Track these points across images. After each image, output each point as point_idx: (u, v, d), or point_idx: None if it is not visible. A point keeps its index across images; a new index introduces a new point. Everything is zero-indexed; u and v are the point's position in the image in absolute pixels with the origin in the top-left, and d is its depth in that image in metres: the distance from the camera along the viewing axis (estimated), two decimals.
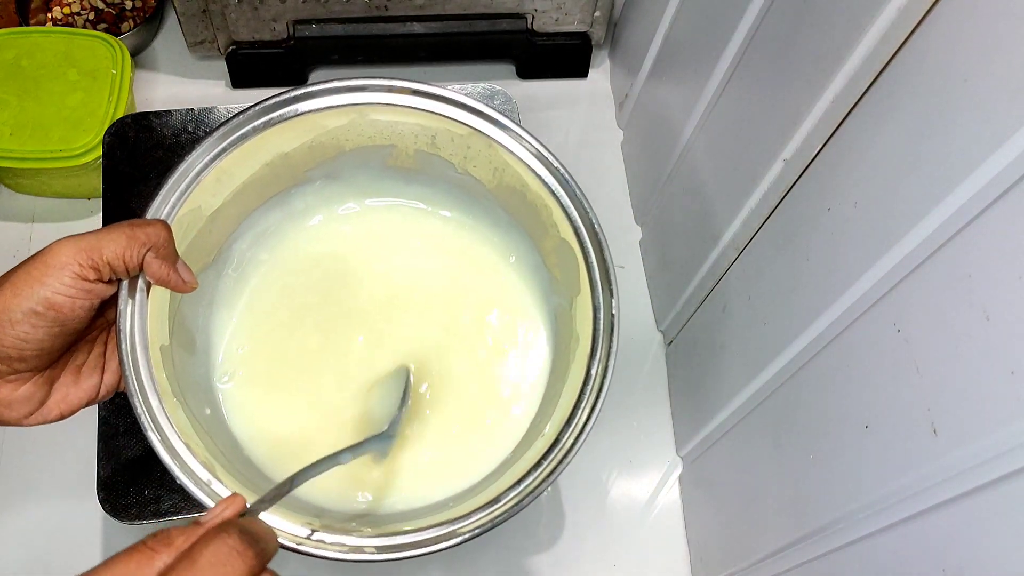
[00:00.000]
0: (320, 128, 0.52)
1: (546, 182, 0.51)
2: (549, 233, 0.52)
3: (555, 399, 0.50)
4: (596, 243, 0.49)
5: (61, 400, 0.44)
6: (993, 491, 0.33)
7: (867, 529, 0.42)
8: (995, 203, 0.33)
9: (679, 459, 0.72)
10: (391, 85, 0.51)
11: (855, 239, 0.43)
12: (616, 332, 0.48)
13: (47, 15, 0.83)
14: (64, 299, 0.40)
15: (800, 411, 0.50)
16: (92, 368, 0.45)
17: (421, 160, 0.55)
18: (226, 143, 0.49)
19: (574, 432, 0.46)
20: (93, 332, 0.45)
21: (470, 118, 0.51)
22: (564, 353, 0.52)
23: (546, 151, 0.51)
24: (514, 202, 0.54)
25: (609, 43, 0.88)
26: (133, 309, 0.45)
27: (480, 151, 0.52)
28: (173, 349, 0.48)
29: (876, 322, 0.41)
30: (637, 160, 0.81)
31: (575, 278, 0.50)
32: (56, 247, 0.40)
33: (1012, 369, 0.32)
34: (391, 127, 0.53)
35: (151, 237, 0.42)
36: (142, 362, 0.45)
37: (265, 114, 0.50)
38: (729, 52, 0.57)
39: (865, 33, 0.41)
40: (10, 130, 0.71)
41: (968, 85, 0.35)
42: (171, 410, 0.44)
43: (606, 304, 0.48)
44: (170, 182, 0.48)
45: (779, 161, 0.51)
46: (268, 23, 0.77)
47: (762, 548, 0.54)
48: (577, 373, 0.48)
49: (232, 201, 0.52)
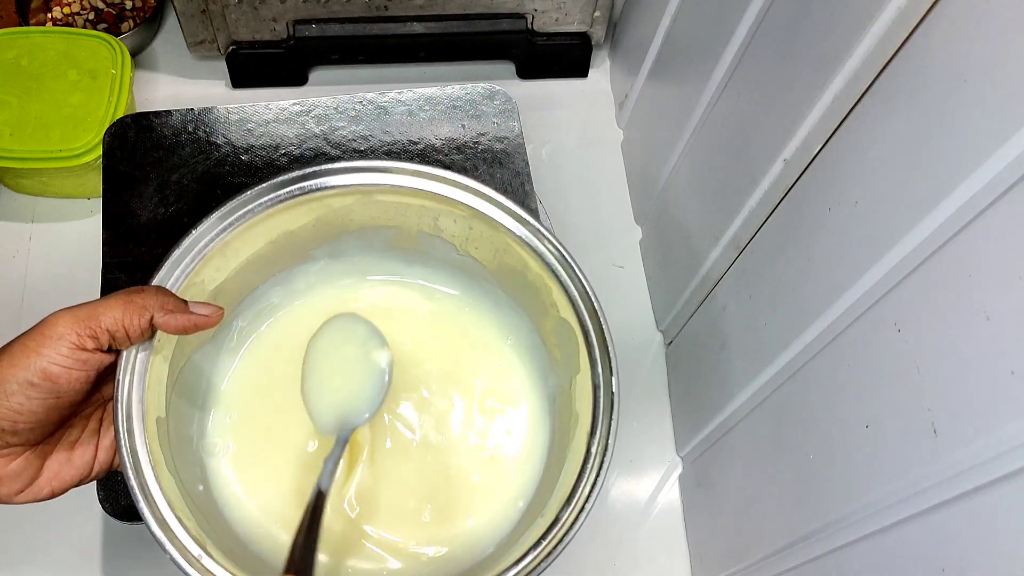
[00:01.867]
0: (326, 207, 0.52)
1: (547, 261, 0.51)
2: (549, 313, 0.52)
3: (554, 480, 0.49)
4: (596, 321, 0.49)
5: (53, 477, 0.43)
6: (993, 491, 0.33)
7: (867, 529, 0.42)
8: (995, 203, 0.33)
9: (679, 459, 0.72)
10: (398, 167, 0.52)
11: (855, 239, 0.43)
12: (616, 410, 0.47)
13: (47, 15, 0.83)
14: (61, 369, 0.39)
15: (800, 411, 0.50)
16: (86, 445, 0.44)
17: (423, 242, 0.56)
18: (233, 218, 0.49)
19: (574, 510, 0.45)
20: (88, 408, 0.45)
21: (473, 199, 0.52)
22: (563, 433, 0.51)
23: (547, 232, 0.51)
24: (515, 283, 0.54)
25: (609, 43, 0.88)
26: (132, 379, 0.44)
27: (482, 232, 0.53)
28: (169, 421, 0.47)
29: (876, 322, 0.41)
30: (637, 160, 0.81)
31: (575, 357, 0.50)
32: (53, 318, 0.40)
33: (1012, 369, 0.32)
34: (396, 208, 0.53)
35: (149, 302, 0.42)
36: (137, 432, 0.44)
37: (273, 191, 0.50)
38: (729, 52, 0.57)
39: (865, 33, 0.41)
40: (10, 130, 0.71)
41: (968, 85, 0.35)
42: (164, 482, 0.44)
43: (606, 382, 0.48)
44: (175, 254, 0.48)
45: (779, 161, 0.51)
46: (268, 23, 0.77)
47: (762, 548, 0.54)
48: (577, 452, 0.48)
49: (235, 277, 0.52)
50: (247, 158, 0.65)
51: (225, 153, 0.65)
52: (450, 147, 0.66)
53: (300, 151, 0.65)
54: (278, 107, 0.67)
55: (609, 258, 0.79)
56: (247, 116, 0.67)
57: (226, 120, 0.66)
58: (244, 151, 0.65)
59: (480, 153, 0.66)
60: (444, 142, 0.66)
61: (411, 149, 0.66)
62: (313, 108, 0.67)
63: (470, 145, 0.66)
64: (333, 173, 0.51)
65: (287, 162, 0.65)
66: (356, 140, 0.66)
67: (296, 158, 0.65)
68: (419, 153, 0.66)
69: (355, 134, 0.66)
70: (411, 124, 0.67)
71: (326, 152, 0.65)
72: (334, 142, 0.66)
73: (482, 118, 0.68)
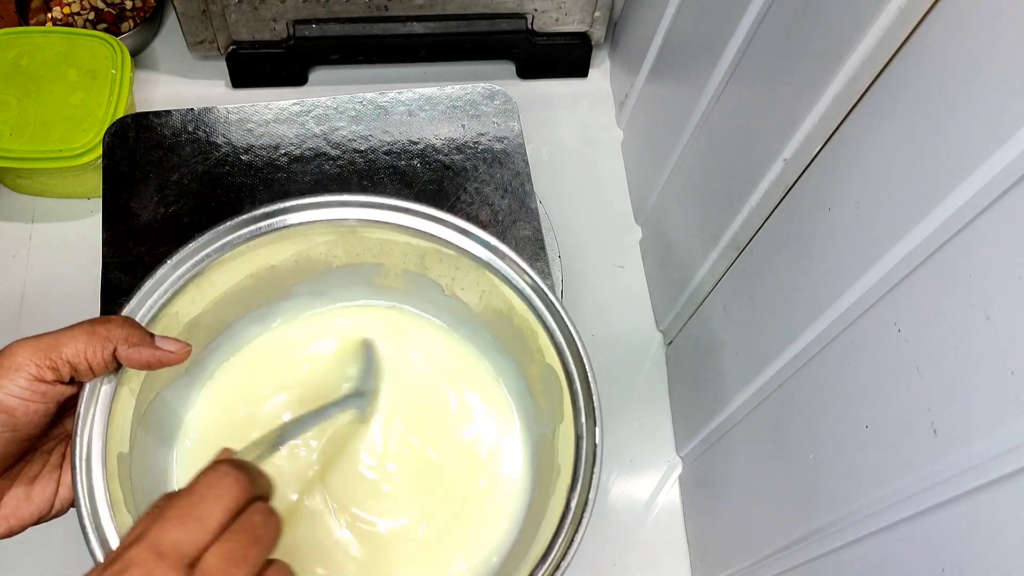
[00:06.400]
0: (308, 242, 0.51)
1: (533, 304, 0.49)
2: (535, 359, 0.51)
3: (532, 536, 0.47)
4: (581, 368, 0.47)
5: (11, 514, 0.41)
6: (993, 491, 0.33)
7: (867, 529, 0.42)
8: (995, 203, 0.33)
9: (679, 459, 0.72)
10: (383, 202, 0.50)
11: (855, 239, 0.43)
12: (598, 463, 0.45)
13: (47, 15, 0.83)
14: (18, 401, 0.38)
15: (800, 411, 0.50)
16: (46, 480, 0.42)
17: (408, 280, 0.54)
18: (210, 249, 0.47)
19: (549, 568, 0.43)
20: (50, 442, 0.44)
21: (460, 239, 0.50)
22: (544, 487, 0.49)
23: (534, 274, 0.49)
24: (501, 326, 0.52)
25: (609, 43, 0.88)
26: (94, 412, 0.42)
27: (468, 272, 0.51)
28: (132, 457, 0.45)
29: (876, 322, 0.41)
30: (637, 160, 0.81)
31: (559, 405, 0.48)
32: (12, 348, 0.39)
33: (1012, 369, 0.32)
34: (380, 245, 0.52)
35: (112, 333, 0.41)
36: (96, 469, 0.42)
37: (253, 223, 0.48)
38: (729, 52, 0.57)
39: (865, 33, 0.41)
40: (10, 130, 0.71)
41: (968, 85, 0.35)
42: (121, 522, 0.42)
43: (589, 432, 0.46)
44: (147, 285, 0.46)
45: (779, 161, 0.51)
46: (268, 23, 0.77)
47: (762, 548, 0.54)
48: (556, 506, 0.45)
49: (211, 310, 0.50)
50: (247, 158, 0.65)
51: (225, 153, 0.65)
52: (450, 147, 0.66)
53: (300, 151, 0.65)
54: (278, 107, 0.67)
55: (609, 258, 0.79)
56: (247, 116, 0.66)
57: (226, 120, 0.66)
58: (244, 151, 0.65)
59: (480, 153, 0.66)
60: (444, 142, 0.66)
61: (411, 149, 0.66)
62: (313, 108, 0.67)
63: (470, 145, 0.66)
64: (316, 207, 0.49)
65: (287, 162, 0.65)
66: (356, 140, 0.66)
67: (296, 158, 0.65)
68: (419, 153, 0.66)
69: (355, 134, 0.66)
70: (411, 124, 0.67)
71: (326, 152, 0.65)
72: (334, 142, 0.66)
73: (482, 118, 0.67)
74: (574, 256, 0.78)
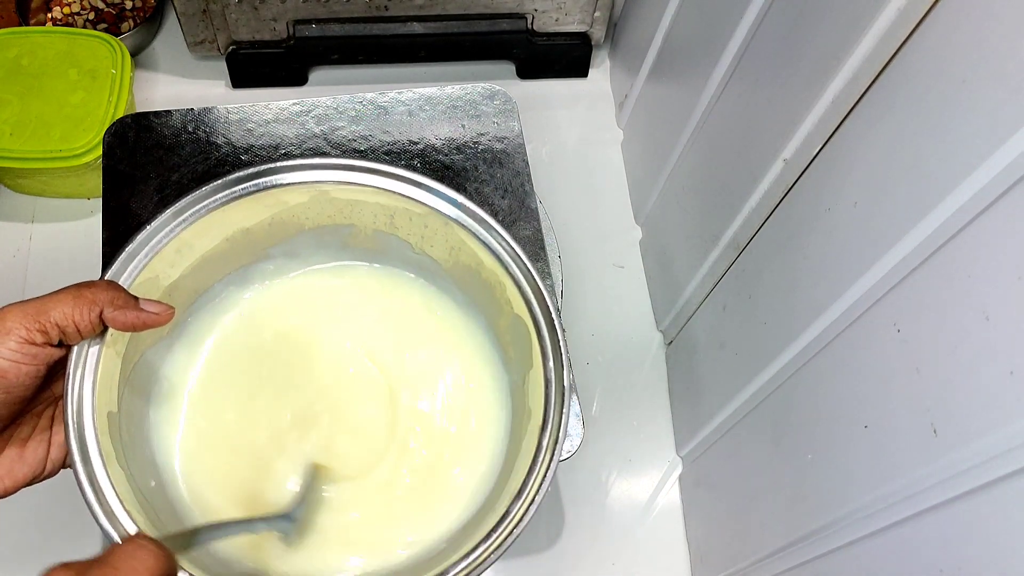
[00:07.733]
0: (281, 204, 0.52)
1: (500, 257, 0.51)
2: (503, 310, 0.52)
3: (507, 475, 0.50)
4: (548, 316, 0.49)
5: (5, 475, 0.42)
6: (992, 491, 0.33)
7: (866, 529, 0.42)
8: (995, 203, 0.33)
9: (679, 459, 0.72)
10: (352, 164, 0.52)
11: (855, 239, 0.43)
12: (567, 404, 0.47)
13: (47, 15, 0.83)
14: (9, 364, 0.39)
15: (800, 411, 0.50)
16: (38, 441, 0.44)
17: (379, 240, 0.56)
18: (188, 214, 0.49)
19: (524, 503, 0.46)
20: (40, 405, 0.45)
21: (427, 197, 0.52)
22: (518, 430, 0.52)
23: (500, 228, 0.51)
24: (469, 281, 0.54)
25: (609, 43, 0.88)
26: (83, 373, 0.44)
27: (437, 230, 0.53)
28: (121, 416, 0.47)
29: (876, 322, 0.41)
30: (637, 160, 0.81)
31: (528, 353, 0.50)
32: (1, 312, 0.40)
33: (1012, 369, 0.32)
34: (351, 206, 0.54)
35: (98, 296, 0.42)
36: (88, 425, 0.44)
37: (228, 187, 0.50)
38: (729, 52, 0.57)
39: (865, 33, 0.41)
40: (10, 130, 0.71)
41: (968, 85, 0.35)
42: (114, 476, 0.43)
43: (557, 376, 0.48)
44: (129, 248, 0.48)
45: (779, 161, 0.51)
46: (268, 23, 0.77)
47: (762, 548, 0.55)
48: (529, 447, 0.48)
49: (190, 274, 0.51)
50: (247, 158, 0.65)
51: (225, 153, 0.65)
52: (450, 147, 0.66)
53: (300, 151, 0.65)
54: (278, 107, 0.67)
55: (609, 258, 0.80)
56: (247, 116, 0.66)
57: (226, 120, 0.66)
58: (244, 151, 0.65)
59: (480, 153, 0.66)
60: (444, 142, 0.66)
61: (411, 149, 0.66)
62: (313, 108, 0.67)
63: (470, 145, 0.66)
64: (288, 170, 0.51)
65: None
66: (356, 140, 0.66)
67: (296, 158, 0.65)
68: (419, 153, 0.66)
69: (355, 134, 0.66)
70: (411, 124, 0.67)
71: (326, 152, 0.65)
72: (334, 142, 0.66)
73: (482, 118, 0.67)
74: (574, 256, 0.78)
